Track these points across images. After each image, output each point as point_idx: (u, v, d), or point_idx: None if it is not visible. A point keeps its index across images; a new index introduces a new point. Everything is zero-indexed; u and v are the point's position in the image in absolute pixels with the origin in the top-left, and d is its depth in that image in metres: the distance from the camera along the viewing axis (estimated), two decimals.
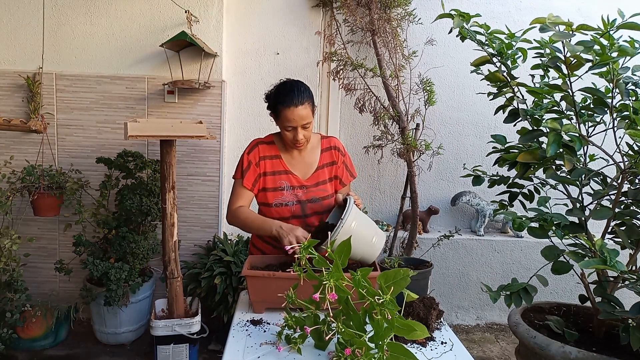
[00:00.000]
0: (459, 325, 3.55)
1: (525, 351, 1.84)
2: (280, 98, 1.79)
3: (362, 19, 3.13)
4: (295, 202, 1.90)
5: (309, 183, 1.92)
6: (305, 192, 1.91)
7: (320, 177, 1.94)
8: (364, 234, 1.62)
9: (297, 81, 1.84)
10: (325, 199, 1.93)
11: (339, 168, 1.99)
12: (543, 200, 1.81)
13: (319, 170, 1.95)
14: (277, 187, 1.89)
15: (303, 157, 1.95)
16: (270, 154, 1.92)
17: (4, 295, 2.67)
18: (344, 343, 1.15)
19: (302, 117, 1.77)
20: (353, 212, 1.60)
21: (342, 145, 2.04)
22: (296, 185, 1.90)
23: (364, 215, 1.69)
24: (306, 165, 1.94)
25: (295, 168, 1.93)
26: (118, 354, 2.94)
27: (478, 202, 3.46)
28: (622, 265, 1.44)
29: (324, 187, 1.94)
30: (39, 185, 2.78)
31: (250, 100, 3.39)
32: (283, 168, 1.91)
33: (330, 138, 2.03)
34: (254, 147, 1.93)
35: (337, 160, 1.99)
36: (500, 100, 1.98)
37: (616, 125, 1.68)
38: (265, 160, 1.91)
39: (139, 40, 3.14)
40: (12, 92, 3.09)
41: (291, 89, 1.78)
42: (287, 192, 1.89)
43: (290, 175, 1.91)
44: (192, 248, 3.32)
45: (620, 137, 1.70)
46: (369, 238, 1.63)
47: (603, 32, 1.55)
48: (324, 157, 1.97)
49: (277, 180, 1.90)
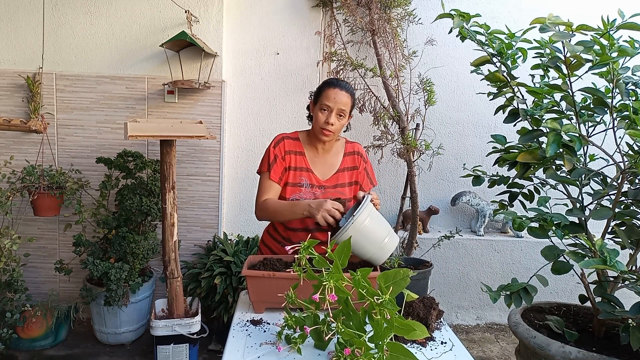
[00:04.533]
0: (459, 325, 3.54)
1: (525, 351, 1.84)
2: (328, 80, 1.88)
3: (362, 19, 3.14)
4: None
5: (327, 184, 1.92)
6: (323, 192, 1.91)
7: (340, 179, 1.95)
8: (377, 233, 1.60)
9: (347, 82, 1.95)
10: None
11: (360, 174, 1.99)
12: (543, 200, 1.81)
13: (339, 172, 1.95)
14: (296, 183, 1.90)
15: (325, 158, 1.96)
16: (295, 149, 1.93)
17: (4, 295, 2.68)
18: (343, 343, 1.15)
19: (342, 101, 1.82)
20: (368, 209, 1.58)
21: (364, 151, 2.06)
22: (315, 184, 1.91)
23: (379, 215, 1.67)
24: (327, 166, 1.95)
25: (316, 167, 1.93)
26: (118, 354, 2.94)
27: (478, 202, 3.46)
28: (622, 265, 1.44)
29: (342, 189, 1.94)
30: (39, 185, 2.78)
31: (250, 100, 3.39)
32: (305, 165, 1.92)
33: (354, 143, 2.04)
34: (279, 141, 1.94)
35: (358, 165, 2.00)
36: (500, 100, 1.98)
37: (616, 125, 1.68)
38: (290, 155, 1.92)
39: (139, 40, 3.14)
40: (12, 92, 3.09)
41: (341, 80, 1.90)
42: (306, 190, 1.90)
43: (310, 173, 1.92)
44: (192, 248, 3.33)
45: (620, 137, 1.70)
46: (381, 238, 1.60)
47: (603, 32, 1.55)
48: (345, 161, 1.98)
49: (298, 176, 1.90)
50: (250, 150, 3.43)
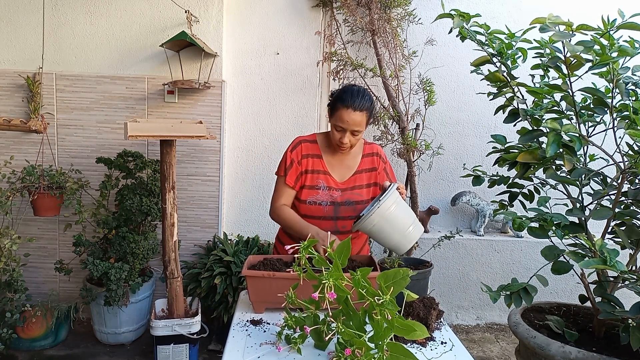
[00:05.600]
0: (459, 325, 3.54)
1: (525, 351, 1.84)
2: (343, 96, 1.79)
3: (362, 19, 3.14)
4: (329, 203, 1.90)
5: (345, 186, 1.92)
6: (340, 194, 1.91)
7: (357, 181, 1.94)
8: (402, 220, 1.60)
9: (365, 90, 1.85)
10: (359, 204, 1.92)
11: (379, 175, 1.98)
12: (543, 200, 1.81)
13: (357, 174, 1.94)
14: (313, 186, 1.90)
15: (343, 160, 1.95)
16: (312, 152, 1.93)
17: (4, 295, 2.68)
18: (343, 343, 1.15)
19: (356, 122, 1.77)
20: (394, 196, 1.59)
21: (383, 152, 2.05)
22: (333, 187, 1.91)
23: (404, 203, 1.67)
24: (345, 168, 1.94)
25: (334, 170, 1.93)
26: (118, 354, 2.94)
27: (478, 202, 3.46)
28: (622, 265, 1.44)
29: (359, 191, 1.93)
30: (39, 185, 2.78)
31: (250, 100, 3.39)
32: (322, 168, 1.92)
33: (372, 144, 2.03)
34: (297, 145, 1.94)
35: (377, 167, 1.99)
36: (500, 100, 1.98)
37: (616, 125, 1.68)
38: (307, 159, 1.92)
39: (139, 40, 3.14)
40: (12, 92, 3.09)
41: (357, 93, 1.78)
42: (323, 192, 1.90)
43: (328, 176, 1.91)
44: (192, 248, 3.33)
45: (620, 137, 1.70)
46: (406, 226, 1.60)
47: (603, 32, 1.55)
48: (364, 163, 1.97)
49: (315, 179, 1.90)
50: (250, 150, 3.43)
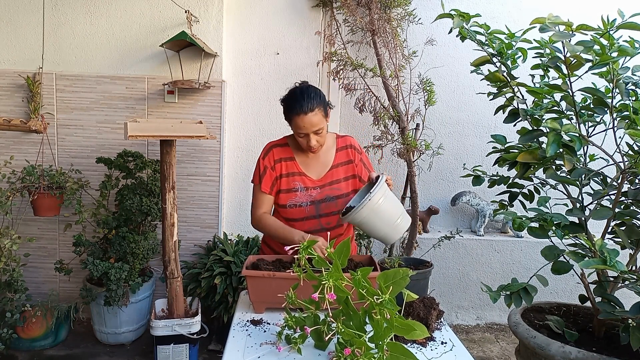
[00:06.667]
0: (459, 325, 3.54)
1: (525, 351, 1.84)
2: (290, 105, 1.78)
3: (362, 19, 3.13)
4: (309, 204, 1.90)
5: (322, 182, 1.92)
6: (319, 192, 1.91)
7: (335, 176, 1.94)
8: (390, 212, 1.62)
9: (308, 87, 1.81)
10: (340, 198, 1.92)
11: (356, 167, 1.98)
12: (543, 200, 1.81)
13: (333, 169, 1.94)
14: (290, 189, 1.90)
15: (317, 158, 1.95)
16: (284, 156, 1.93)
17: (4, 295, 2.68)
18: (343, 343, 1.15)
19: (313, 124, 1.76)
20: (382, 189, 1.61)
21: (357, 143, 2.04)
22: (310, 187, 1.91)
23: (392, 195, 1.69)
24: (320, 165, 1.94)
25: (309, 169, 1.93)
26: (118, 354, 2.94)
27: (478, 202, 3.46)
28: (622, 265, 1.44)
29: (337, 186, 1.94)
30: (39, 185, 2.78)
31: (250, 100, 3.39)
32: (297, 170, 1.92)
33: (345, 137, 2.02)
34: (268, 151, 1.94)
35: (354, 159, 1.98)
36: (500, 100, 1.98)
37: (616, 125, 1.68)
38: (280, 163, 1.92)
39: (139, 40, 3.14)
40: (12, 92, 3.09)
41: (301, 96, 1.76)
42: (301, 194, 1.90)
43: (303, 176, 1.91)
44: (192, 248, 3.32)
45: (620, 137, 1.69)
46: (394, 218, 1.63)
47: (603, 32, 1.55)
48: (339, 157, 1.96)
49: (291, 182, 1.90)
50: (250, 150, 3.42)
